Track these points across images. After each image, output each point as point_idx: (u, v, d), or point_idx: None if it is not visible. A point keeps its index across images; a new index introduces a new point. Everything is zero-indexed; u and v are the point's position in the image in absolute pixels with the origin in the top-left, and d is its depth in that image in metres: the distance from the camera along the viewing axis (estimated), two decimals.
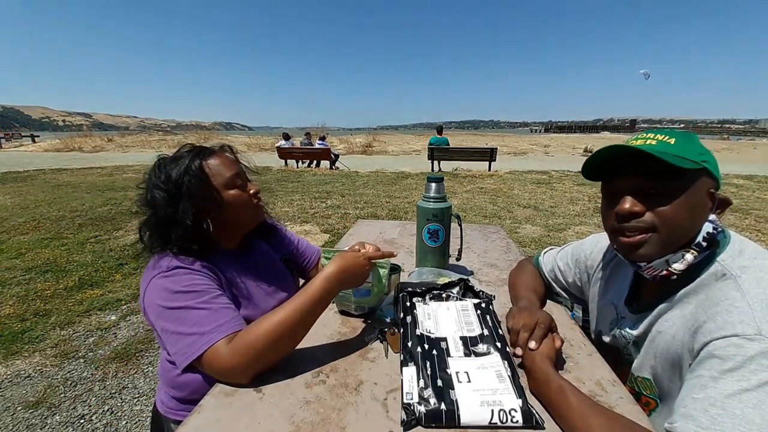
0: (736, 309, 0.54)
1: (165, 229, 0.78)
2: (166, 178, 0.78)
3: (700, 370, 0.53)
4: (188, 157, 0.81)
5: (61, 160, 12.74)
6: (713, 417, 0.47)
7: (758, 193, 6.35)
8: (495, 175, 8.41)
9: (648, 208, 0.62)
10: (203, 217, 0.79)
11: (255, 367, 0.67)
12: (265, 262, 0.99)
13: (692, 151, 0.61)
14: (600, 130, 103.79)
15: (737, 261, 0.60)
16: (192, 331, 0.69)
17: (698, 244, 0.62)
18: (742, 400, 0.46)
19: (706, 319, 0.57)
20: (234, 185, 0.84)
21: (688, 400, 0.51)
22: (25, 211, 5.09)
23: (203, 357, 0.67)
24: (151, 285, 0.74)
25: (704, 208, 0.62)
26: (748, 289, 0.55)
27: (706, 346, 0.54)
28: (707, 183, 0.62)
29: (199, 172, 0.80)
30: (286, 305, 0.71)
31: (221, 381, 0.68)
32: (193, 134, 22.51)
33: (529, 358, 0.68)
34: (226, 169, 0.84)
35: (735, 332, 0.51)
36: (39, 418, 1.65)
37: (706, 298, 0.60)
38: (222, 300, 0.75)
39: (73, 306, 2.59)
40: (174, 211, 0.77)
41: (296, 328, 0.71)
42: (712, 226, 0.62)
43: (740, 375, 0.48)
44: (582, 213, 5.04)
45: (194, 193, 0.78)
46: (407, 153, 16.11)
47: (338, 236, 3.92)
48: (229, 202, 0.83)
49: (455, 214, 1.18)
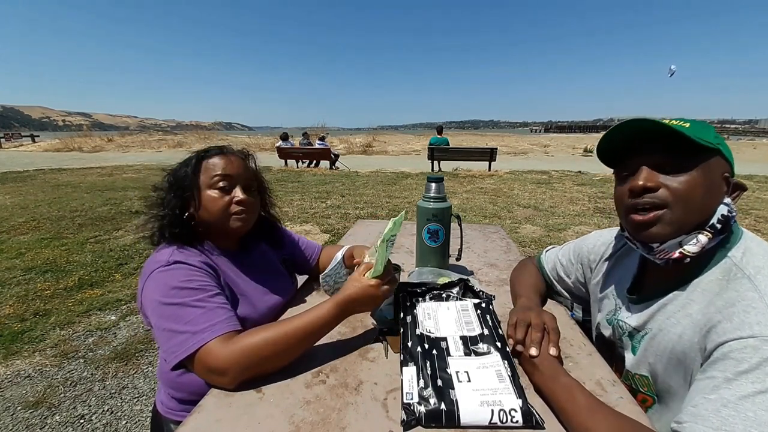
0: (754, 310, 0.52)
1: (155, 211, 0.86)
2: (174, 170, 0.88)
3: (713, 371, 0.52)
4: (195, 154, 0.88)
5: (60, 160, 12.74)
6: (724, 418, 0.46)
7: (758, 193, 6.35)
8: (495, 175, 8.41)
9: (662, 184, 0.61)
10: (185, 209, 0.84)
11: (246, 372, 0.66)
12: (263, 263, 0.99)
13: (707, 134, 0.61)
14: (600, 130, 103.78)
15: (751, 260, 0.59)
16: (184, 329, 0.68)
17: (712, 226, 0.61)
18: (755, 402, 0.46)
19: (722, 319, 0.55)
20: (215, 186, 0.84)
21: (699, 400, 0.50)
22: (25, 211, 5.09)
23: (195, 356, 0.66)
24: (150, 279, 0.75)
25: (719, 189, 0.62)
26: (765, 290, 0.54)
27: (721, 347, 0.53)
28: (722, 166, 0.62)
29: (192, 166, 0.85)
30: (293, 320, 0.71)
31: (208, 384, 0.67)
32: (193, 134, 22.50)
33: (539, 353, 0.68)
34: (214, 169, 0.85)
35: (752, 333, 0.50)
36: (39, 418, 1.65)
37: (718, 297, 0.58)
38: (218, 299, 0.75)
39: (72, 306, 2.59)
40: (165, 195, 0.85)
41: (297, 344, 0.70)
42: (728, 209, 0.61)
43: (755, 377, 0.47)
44: (582, 213, 5.04)
45: (180, 184, 0.85)
46: (407, 153, 16.11)
47: (338, 236, 3.92)
48: (204, 201, 0.84)
49: (455, 214, 1.18)
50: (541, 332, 0.71)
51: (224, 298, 0.77)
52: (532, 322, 0.73)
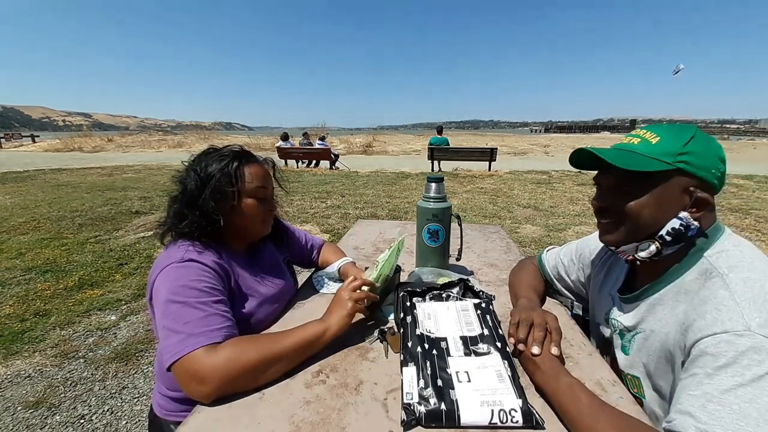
0: (725, 307, 0.55)
1: (184, 208, 0.84)
2: (204, 166, 0.85)
3: (694, 368, 0.54)
4: (231, 156, 0.88)
5: (61, 160, 12.74)
6: (711, 413, 0.47)
7: (758, 193, 6.34)
8: (495, 175, 8.41)
9: (610, 203, 0.69)
10: (218, 211, 0.84)
11: (228, 385, 0.64)
12: (270, 264, 1.02)
13: (669, 152, 0.63)
14: (600, 130, 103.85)
15: (726, 260, 0.61)
16: (182, 330, 0.68)
17: (661, 237, 0.65)
18: (737, 395, 0.47)
19: (696, 317, 0.58)
20: (255, 196, 0.89)
21: (685, 397, 0.51)
22: (25, 211, 5.09)
23: (183, 358, 0.65)
24: (163, 273, 0.75)
25: (672, 205, 0.64)
26: (735, 288, 0.56)
27: (697, 344, 0.55)
28: (681, 182, 0.63)
29: (232, 173, 0.85)
30: (286, 344, 0.71)
31: (189, 396, 0.64)
32: (193, 134, 22.51)
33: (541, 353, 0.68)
34: (255, 179, 0.89)
35: (725, 329, 0.52)
36: (39, 418, 1.65)
37: (696, 296, 0.61)
38: (219, 306, 0.74)
39: (73, 306, 2.59)
40: (197, 197, 0.83)
41: (286, 366, 0.70)
42: (680, 222, 0.63)
43: (734, 371, 0.49)
44: (582, 213, 5.04)
45: (219, 188, 0.84)
46: (407, 153, 16.11)
47: (338, 236, 3.92)
48: (244, 209, 0.88)
49: (455, 214, 1.18)
50: (544, 332, 0.72)
51: (226, 305, 0.77)
52: (535, 322, 0.74)
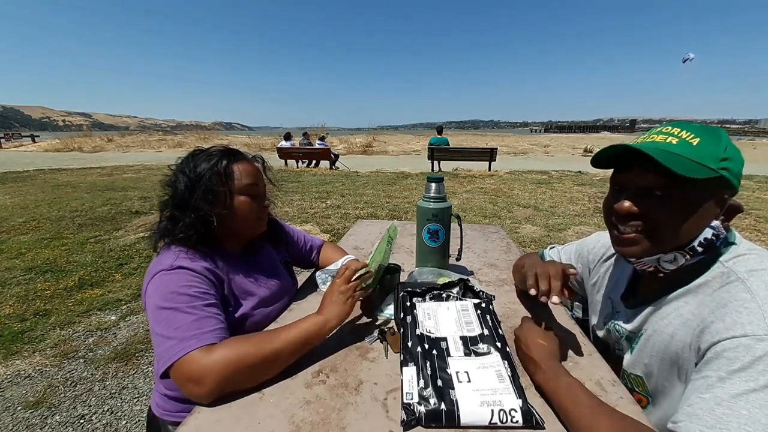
0: (746, 310, 0.53)
1: (175, 210, 0.83)
2: (193, 167, 0.84)
3: (707, 370, 0.52)
4: (219, 155, 0.86)
5: (61, 160, 12.74)
6: (719, 416, 0.46)
7: (758, 193, 6.35)
8: (495, 175, 8.40)
9: (647, 209, 0.61)
10: (211, 212, 0.83)
11: (225, 384, 0.64)
12: (266, 265, 1.01)
13: (713, 156, 0.57)
14: (600, 130, 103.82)
15: (743, 264, 0.59)
16: (173, 335, 0.67)
17: (693, 248, 0.61)
18: (749, 400, 0.46)
19: (714, 320, 0.56)
20: (248, 193, 0.87)
21: (694, 399, 0.50)
22: (25, 211, 5.09)
23: (178, 362, 0.65)
24: (153, 282, 0.75)
25: (709, 215, 0.60)
26: (757, 291, 0.54)
27: (714, 346, 0.53)
28: (720, 189, 0.59)
29: (222, 171, 0.84)
30: (284, 339, 0.70)
31: (186, 397, 0.64)
32: (193, 134, 22.50)
33: (541, 351, 0.68)
34: (245, 176, 0.87)
35: (744, 332, 0.51)
36: (39, 418, 1.65)
37: (711, 299, 0.59)
38: (211, 309, 0.74)
39: (73, 306, 2.59)
40: (188, 198, 0.82)
41: (284, 362, 0.70)
42: (712, 232, 0.61)
43: (748, 375, 0.47)
44: (582, 213, 5.04)
45: (210, 188, 0.82)
46: (407, 153, 16.10)
47: (338, 236, 3.92)
48: (237, 207, 0.86)
49: (455, 214, 1.18)
50: (561, 281, 0.74)
51: (219, 309, 0.77)
52: (551, 273, 0.76)
